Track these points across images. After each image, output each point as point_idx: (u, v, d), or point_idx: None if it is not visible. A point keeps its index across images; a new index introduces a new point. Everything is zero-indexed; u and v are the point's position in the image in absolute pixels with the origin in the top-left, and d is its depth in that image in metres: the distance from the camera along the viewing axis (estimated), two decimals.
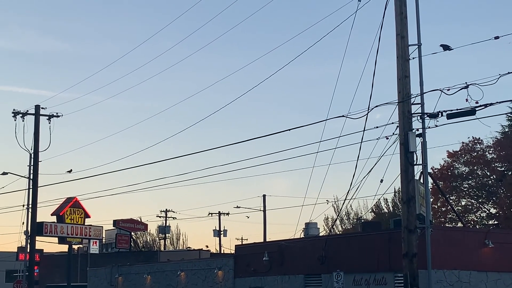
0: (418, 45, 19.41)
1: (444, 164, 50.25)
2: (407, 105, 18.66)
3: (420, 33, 19.56)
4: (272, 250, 27.14)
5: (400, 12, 19.02)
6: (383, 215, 58.89)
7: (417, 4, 19.83)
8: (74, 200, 44.45)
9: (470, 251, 22.09)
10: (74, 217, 44.14)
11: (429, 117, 18.60)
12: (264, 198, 62.88)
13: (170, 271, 33.45)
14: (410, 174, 18.48)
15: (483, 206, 50.24)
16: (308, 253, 25.27)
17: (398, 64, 18.91)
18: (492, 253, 22.19)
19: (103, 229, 48.57)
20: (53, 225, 42.96)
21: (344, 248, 24.38)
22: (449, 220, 48.84)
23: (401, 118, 18.69)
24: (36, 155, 38.38)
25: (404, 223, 18.29)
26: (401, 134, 18.63)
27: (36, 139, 38.53)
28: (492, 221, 49.28)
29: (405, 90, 18.67)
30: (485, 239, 22.14)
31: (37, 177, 38.24)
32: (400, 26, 18.99)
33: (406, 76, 18.75)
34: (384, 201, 61.62)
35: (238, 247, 31.88)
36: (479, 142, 49.14)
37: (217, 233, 71.64)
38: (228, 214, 71.37)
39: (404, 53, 18.90)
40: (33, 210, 38.01)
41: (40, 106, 39.10)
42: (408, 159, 18.43)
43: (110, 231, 57.91)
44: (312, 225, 28.09)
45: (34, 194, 38.14)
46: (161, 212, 74.23)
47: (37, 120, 38.79)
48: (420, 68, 19.32)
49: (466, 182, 50.06)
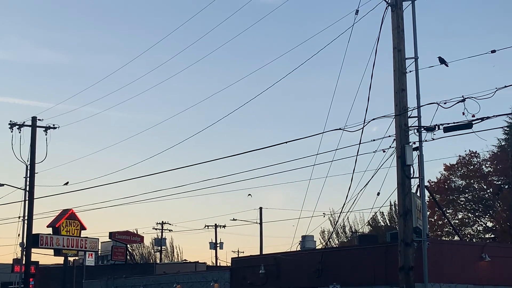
0: (415, 58, 19.45)
1: (441, 178, 50.25)
2: (404, 118, 18.67)
3: (417, 47, 19.62)
4: (268, 263, 27.08)
5: (397, 26, 19.06)
6: (379, 228, 58.77)
7: (414, 18, 19.87)
8: (70, 212, 44.36)
9: (466, 264, 22.06)
10: (70, 229, 44.02)
11: (426, 130, 18.60)
12: (261, 210, 62.81)
13: (166, 283, 33.36)
14: (407, 187, 18.46)
15: (480, 220, 50.21)
16: (305, 266, 25.21)
17: (395, 77, 18.93)
18: (489, 267, 22.15)
19: (99, 241, 48.47)
20: (48, 237, 42.86)
21: (340, 261, 24.33)
22: (446, 234, 48.78)
23: (398, 131, 18.69)
24: (32, 167, 38.30)
25: (401, 236, 18.25)
26: (398, 147, 18.63)
27: (32, 151, 38.47)
28: (489, 234, 49.23)
29: (402, 103, 18.69)
30: (481, 253, 22.11)
31: (33, 188, 38.13)
32: (397, 39, 19.03)
33: (403, 89, 18.78)
34: (380, 214, 61.53)
35: (234, 260, 31.81)
36: (476, 156, 49.18)
37: (213, 246, 71.48)
38: (225, 226, 71.35)
39: (401, 66, 18.93)
40: (29, 222, 37.88)
41: (36, 117, 39.08)
42: (405, 172, 18.42)
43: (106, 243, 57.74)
44: (308, 238, 28.04)
45: (30, 206, 38.02)
46: (157, 224, 74.16)
47: (33, 131, 38.73)
48: (417, 82, 19.35)
49: (462, 196, 50.05)
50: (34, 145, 38.56)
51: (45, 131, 39.26)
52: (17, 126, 38.90)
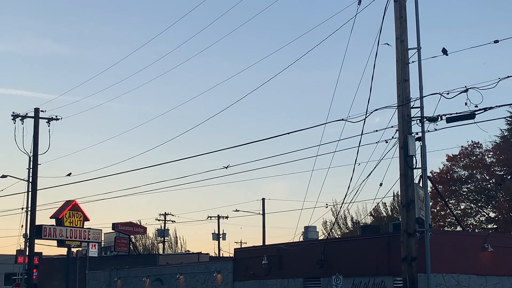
0: (418, 48, 19.43)
1: (443, 168, 50.29)
2: (407, 108, 18.67)
3: (420, 37, 19.59)
4: (271, 253, 27.12)
5: (400, 16, 19.03)
6: (382, 219, 58.84)
7: (416, 8, 19.84)
8: (73, 203, 44.40)
9: (469, 255, 22.08)
10: (73, 220, 44.08)
11: (429, 120, 18.58)
12: (263, 201, 62.89)
13: (169, 274, 33.43)
14: (409, 177, 18.48)
15: (482, 210, 50.25)
16: (307, 257, 25.25)
17: (397, 68, 18.92)
18: (491, 257, 22.17)
19: (102, 232, 48.50)
20: (52, 228, 42.91)
21: (343, 252, 24.36)
22: (448, 224, 48.87)
23: (401, 122, 18.69)
24: (35, 158, 38.36)
25: (403, 226, 18.29)
26: (401, 138, 18.63)
27: (35, 142, 38.50)
28: (491, 225, 49.27)
29: (405, 93, 18.68)
30: (484, 243, 22.12)
31: (36, 180, 38.20)
32: (399, 30, 19.00)
33: (405, 79, 18.76)
34: (383, 205, 61.57)
35: (237, 251, 31.86)
36: (478, 146, 49.20)
37: (216, 237, 71.62)
38: (227, 217, 71.46)
39: (404, 56, 18.91)
40: (32, 213, 37.96)
41: (39, 109, 39.11)
42: (408, 163, 18.43)
43: (109, 234, 57.79)
44: (311, 228, 28.05)
45: (33, 197, 38.10)
46: (160, 215, 74.30)
47: (36, 123, 38.76)
48: (419, 72, 19.32)
49: (465, 186, 50.09)
50: (37, 137, 38.59)
51: (48, 122, 39.30)
52: (20, 117, 38.94)
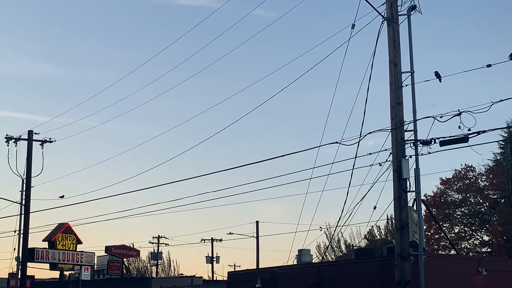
0: (411, 72, 19.50)
1: (437, 191, 50.31)
2: (400, 132, 18.70)
3: (413, 61, 19.69)
4: (265, 277, 27.01)
5: (393, 40, 19.14)
6: (376, 242, 58.76)
7: (409, 32, 19.95)
8: (66, 226, 44.26)
9: (463, 278, 22.04)
10: (66, 243, 43.88)
11: (422, 144, 18.60)
12: (257, 224, 62.72)
13: None
14: (403, 201, 18.45)
15: (476, 234, 50.22)
16: (301, 280, 25.14)
17: (391, 91, 18.98)
18: (485, 281, 22.13)
19: (95, 255, 48.33)
20: (44, 251, 42.71)
21: (337, 275, 24.28)
22: (442, 248, 48.77)
23: (394, 145, 18.71)
24: (28, 181, 38.21)
25: (398, 250, 18.23)
26: (394, 161, 18.64)
27: (28, 165, 38.38)
28: (485, 248, 49.22)
29: (398, 117, 18.73)
30: (478, 267, 22.11)
31: (29, 202, 38.01)
32: (393, 53, 19.09)
33: (399, 103, 18.81)
34: (377, 228, 61.54)
35: (230, 274, 31.72)
36: (472, 170, 49.28)
37: (209, 260, 71.31)
38: (221, 240, 71.21)
39: (397, 80, 18.98)
40: (25, 235, 37.74)
41: (33, 131, 39.04)
42: (401, 186, 18.42)
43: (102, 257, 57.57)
44: (305, 252, 27.99)
45: (26, 219, 37.89)
46: (153, 238, 73.98)
47: (29, 145, 38.68)
48: (413, 95, 19.37)
49: (459, 210, 50.10)
50: (30, 159, 38.48)
51: (41, 144, 39.24)
52: (13, 139, 38.88)
